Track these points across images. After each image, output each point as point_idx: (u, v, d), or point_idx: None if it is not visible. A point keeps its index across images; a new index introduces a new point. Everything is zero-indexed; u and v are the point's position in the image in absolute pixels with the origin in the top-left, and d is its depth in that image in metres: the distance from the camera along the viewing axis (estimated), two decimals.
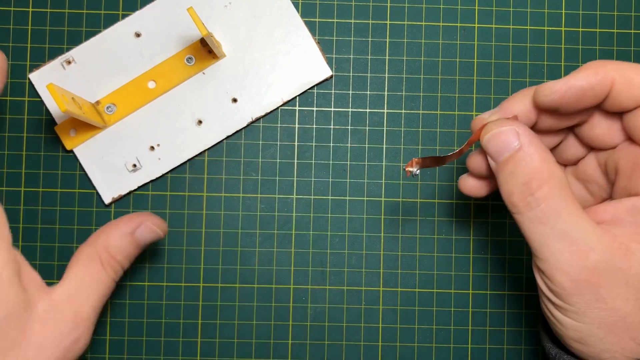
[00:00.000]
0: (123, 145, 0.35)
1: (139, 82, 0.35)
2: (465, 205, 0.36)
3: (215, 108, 0.35)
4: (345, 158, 0.36)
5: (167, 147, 0.35)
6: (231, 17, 0.36)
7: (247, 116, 0.36)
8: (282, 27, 0.36)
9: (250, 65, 0.36)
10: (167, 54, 0.35)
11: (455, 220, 0.36)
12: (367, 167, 0.36)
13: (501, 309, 0.36)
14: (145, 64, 0.35)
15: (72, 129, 0.35)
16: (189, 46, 0.35)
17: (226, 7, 0.35)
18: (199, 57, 0.35)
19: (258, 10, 0.36)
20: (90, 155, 0.35)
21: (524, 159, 0.25)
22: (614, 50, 0.37)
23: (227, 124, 0.36)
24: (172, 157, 0.35)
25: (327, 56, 0.36)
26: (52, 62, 0.35)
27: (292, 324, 0.36)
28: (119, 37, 0.35)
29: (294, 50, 0.36)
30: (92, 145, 0.35)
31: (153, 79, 0.35)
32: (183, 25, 0.35)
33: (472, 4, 0.36)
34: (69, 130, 0.35)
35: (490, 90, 0.36)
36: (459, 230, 0.36)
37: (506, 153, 0.26)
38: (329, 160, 0.36)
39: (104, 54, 0.35)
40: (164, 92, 0.35)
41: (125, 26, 0.35)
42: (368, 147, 0.36)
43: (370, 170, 0.36)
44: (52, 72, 0.35)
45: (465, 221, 0.36)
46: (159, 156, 0.35)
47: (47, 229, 0.35)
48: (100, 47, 0.35)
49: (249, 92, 0.36)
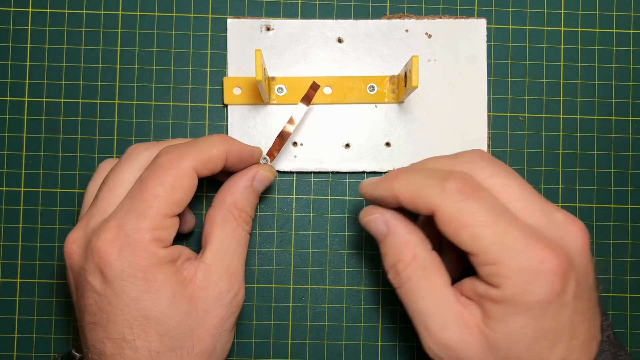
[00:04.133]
0: (270, 129, 0.35)
1: (317, 82, 0.35)
2: None
3: (366, 143, 0.36)
4: None
5: (305, 152, 0.36)
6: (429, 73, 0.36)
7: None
8: (468, 105, 0.36)
9: (421, 120, 0.36)
10: (358, 72, 0.36)
11: None
12: None
13: None
14: (332, 69, 0.36)
15: (238, 87, 0.35)
16: (379, 76, 0.36)
17: (429, 62, 0.36)
18: (381, 89, 0.36)
19: (455, 78, 0.36)
20: (238, 122, 0.35)
21: (391, 244, 0.29)
22: (614, 50, 0.37)
23: (372, 163, 0.36)
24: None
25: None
26: (254, 20, 0.36)
27: (292, 323, 0.36)
28: (322, 34, 0.36)
29: (466, 129, 0.36)
30: (245, 112, 0.35)
31: (331, 86, 0.36)
32: (392, 56, 0.36)
33: (472, 4, 0.36)
34: (235, 87, 0.35)
35: (490, 90, 0.36)
36: None
37: (379, 236, 0.29)
38: None
39: (302, 40, 0.36)
40: (334, 103, 0.36)
41: (330, 28, 0.36)
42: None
43: (368, 172, 0.36)
44: (248, 29, 0.36)
45: None
46: (296, 154, 0.36)
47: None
48: (301, 31, 0.36)
49: (404, 141, 0.36)
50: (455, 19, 0.36)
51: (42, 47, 0.36)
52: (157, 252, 0.27)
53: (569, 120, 0.37)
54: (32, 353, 0.35)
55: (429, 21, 0.36)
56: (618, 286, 0.36)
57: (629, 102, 0.37)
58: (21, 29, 0.36)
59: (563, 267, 0.25)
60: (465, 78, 0.36)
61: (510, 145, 0.36)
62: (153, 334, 0.27)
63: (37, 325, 0.35)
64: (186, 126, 0.36)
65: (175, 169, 0.28)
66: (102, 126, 0.36)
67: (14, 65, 0.36)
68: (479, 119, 0.36)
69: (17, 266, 0.35)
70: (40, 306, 0.35)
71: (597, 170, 0.37)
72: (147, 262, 0.27)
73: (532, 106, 0.37)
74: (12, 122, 0.36)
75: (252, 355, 0.36)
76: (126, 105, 0.36)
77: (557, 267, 0.25)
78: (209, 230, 0.30)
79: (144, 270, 0.27)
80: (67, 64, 0.36)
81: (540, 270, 0.25)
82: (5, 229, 0.35)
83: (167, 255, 0.28)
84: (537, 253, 0.25)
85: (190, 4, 0.36)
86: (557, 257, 0.25)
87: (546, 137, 0.37)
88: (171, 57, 0.36)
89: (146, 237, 0.27)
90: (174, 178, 0.28)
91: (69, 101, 0.36)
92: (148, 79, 0.36)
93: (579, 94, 0.37)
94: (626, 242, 0.37)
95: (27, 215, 0.35)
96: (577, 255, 0.26)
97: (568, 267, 0.25)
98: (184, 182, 0.28)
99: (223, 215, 0.30)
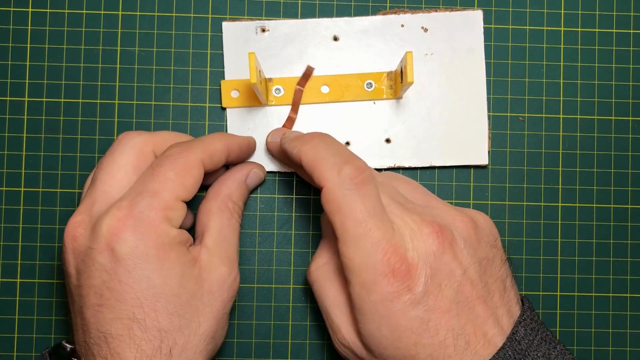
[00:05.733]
0: (269, 130, 0.35)
1: (314, 82, 0.35)
2: (465, 205, 0.36)
3: (366, 140, 0.36)
4: None
5: None
6: (426, 66, 0.36)
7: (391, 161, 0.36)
8: (467, 99, 0.36)
9: (420, 115, 0.36)
10: (355, 70, 0.36)
11: None
12: None
13: None
14: (329, 67, 0.36)
15: (236, 90, 0.35)
16: (376, 73, 0.35)
17: (426, 56, 0.36)
18: (378, 86, 0.35)
19: (453, 71, 0.36)
20: (237, 124, 0.35)
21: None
22: (614, 50, 0.37)
23: (373, 160, 0.36)
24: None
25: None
26: (249, 22, 0.36)
27: (292, 323, 0.36)
28: (318, 33, 0.36)
29: (467, 123, 0.36)
30: (244, 114, 0.36)
31: (328, 84, 0.35)
32: (388, 52, 0.36)
33: (472, 3, 0.36)
34: (233, 89, 0.35)
35: (490, 90, 0.36)
36: None
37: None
38: None
39: (297, 40, 0.36)
40: (332, 102, 0.36)
41: (326, 26, 0.36)
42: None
43: None
44: (243, 30, 0.36)
45: None
46: None
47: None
48: (296, 31, 0.36)
49: (404, 137, 0.36)
50: (451, 12, 0.36)
51: (42, 47, 0.36)
52: (170, 231, 0.28)
53: (569, 120, 0.37)
54: (32, 353, 0.35)
55: (425, 15, 0.36)
56: (618, 286, 0.36)
57: (629, 102, 0.37)
58: (21, 29, 0.36)
59: (405, 269, 0.26)
60: (464, 71, 0.36)
61: (510, 145, 0.36)
62: (163, 313, 0.27)
63: (37, 325, 0.35)
64: (186, 126, 0.36)
65: (184, 158, 0.29)
66: (102, 126, 0.36)
67: (14, 65, 0.36)
68: (479, 112, 0.36)
69: (17, 266, 0.35)
70: (40, 306, 0.35)
71: (597, 170, 0.37)
72: (160, 240, 0.27)
73: (532, 106, 0.37)
74: (12, 122, 0.36)
75: (252, 355, 0.36)
76: (126, 105, 0.36)
77: (398, 268, 0.26)
78: (205, 219, 0.31)
79: (157, 248, 0.27)
80: (67, 64, 0.36)
81: (382, 272, 0.26)
82: (5, 229, 0.35)
83: (178, 235, 0.28)
84: (379, 257, 0.26)
85: (190, 4, 0.36)
86: (400, 261, 0.26)
87: (546, 137, 0.37)
88: (171, 57, 0.36)
89: (159, 215, 0.28)
90: (184, 164, 0.29)
91: (69, 101, 0.36)
92: (148, 79, 0.36)
93: (579, 94, 0.37)
94: (626, 242, 0.37)
95: (27, 215, 0.35)
96: (433, 255, 0.27)
97: (411, 269, 0.26)
98: (194, 170, 0.29)
99: (219, 205, 0.32)
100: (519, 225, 0.36)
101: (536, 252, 0.36)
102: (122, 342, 0.26)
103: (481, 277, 0.28)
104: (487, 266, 0.28)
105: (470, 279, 0.27)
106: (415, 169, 0.36)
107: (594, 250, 0.36)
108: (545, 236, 0.36)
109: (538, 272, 0.36)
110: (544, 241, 0.36)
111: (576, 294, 0.36)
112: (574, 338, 0.36)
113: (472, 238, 0.28)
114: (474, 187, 0.36)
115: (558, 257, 0.36)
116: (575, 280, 0.36)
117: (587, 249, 0.36)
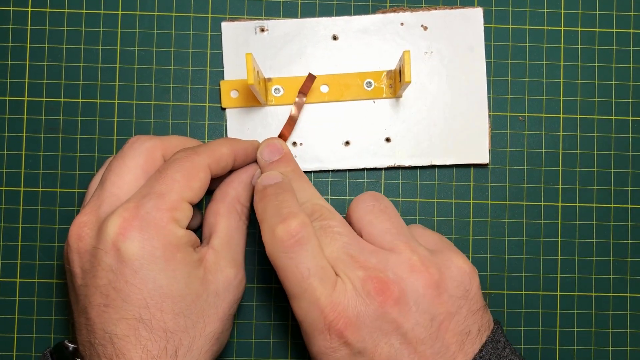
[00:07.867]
0: (268, 130, 0.35)
1: (314, 82, 0.35)
2: (465, 205, 0.36)
3: (366, 139, 0.36)
4: None
5: (305, 152, 0.36)
6: (426, 66, 0.36)
7: (391, 161, 0.36)
8: (468, 96, 0.36)
9: (420, 113, 0.36)
10: (355, 69, 0.36)
11: (454, 219, 0.36)
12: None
13: (500, 309, 0.36)
14: (329, 67, 0.36)
15: (235, 90, 0.35)
16: (375, 72, 0.35)
17: (426, 54, 0.36)
18: (378, 85, 0.35)
19: (453, 69, 0.36)
20: (236, 124, 0.36)
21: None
22: (614, 50, 0.37)
23: (373, 160, 0.36)
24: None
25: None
26: (248, 22, 0.36)
27: (292, 323, 0.36)
28: (317, 32, 0.36)
29: (467, 121, 0.36)
30: (244, 114, 0.36)
31: (327, 84, 0.35)
32: (388, 50, 0.36)
33: (472, 3, 0.36)
34: (232, 89, 0.35)
35: (490, 90, 0.36)
36: (458, 229, 0.36)
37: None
38: None
39: (296, 39, 0.36)
40: (331, 101, 0.36)
41: (325, 25, 0.36)
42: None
43: (369, 169, 0.36)
44: (242, 31, 0.36)
45: (466, 220, 0.36)
46: (296, 154, 0.36)
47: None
48: (296, 30, 0.36)
49: (404, 136, 0.36)
50: (450, 9, 0.36)
51: (42, 47, 0.36)
52: (177, 231, 0.28)
53: (569, 120, 0.37)
54: (32, 353, 0.35)
55: (424, 13, 0.36)
56: (618, 286, 0.36)
57: (629, 102, 0.37)
58: (21, 28, 0.36)
59: (343, 326, 0.27)
60: (464, 69, 0.36)
61: (510, 145, 0.36)
62: (169, 313, 0.27)
63: (37, 325, 0.35)
64: (186, 126, 0.36)
65: (191, 161, 0.29)
66: (102, 126, 0.36)
67: (14, 65, 0.36)
68: (479, 109, 0.36)
69: (16, 266, 0.35)
70: (40, 306, 0.35)
71: (597, 170, 0.37)
72: (167, 240, 0.27)
73: (532, 106, 0.37)
74: (12, 122, 0.36)
75: (252, 355, 0.36)
76: (126, 105, 0.36)
77: (335, 325, 0.27)
78: (213, 221, 0.31)
79: (163, 248, 0.27)
80: (66, 63, 0.36)
81: (318, 329, 0.28)
82: (5, 229, 0.35)
83: (184, 236, 0.28)
84: (316, 314, 0.27)
85: (190, 4, 0.36)
86: (337, 318, 0.27)
87: (546, 137, 0.37)
88: (171, 57, 0.36)
89: (165, 216, 0.28)
90: (191, 167, 0.29)
91: (69, 101, 0.36)
92: (148, 79, 0.36)
93: (579, 94, 0.37)
94: (626, 242, 0.37)
95: (26, 215, 0.35)
96: (374, 312, 0.27)
97: (350, 326, 0.27)
98: (201, 173, 0.29)
99: (227, 207, 0.32)
100: (519, 225, 0.36)
101: (536, 252, 0.36)
102: (127, 343, 0.26)
103: (432, 333, 0.27)
104: (445, 320, 0.28)
105: (416, 336, 0.27)
106: (415, 168, 0.36)
107: (594, 250, 0.36)
108: (545, 236, 0.36)
109: (538, 272, 0.36)
110: (544, 241, 0.36)
111: (576, 294, 0.36)
112: (574, 338, 0.36)
113: (428, 293, 0.28)
114: (474, 186, 0.36)
115: (558, 257, 0.36)
116: (575, 280, 0.36)
117: (587, 249, 0.36)
